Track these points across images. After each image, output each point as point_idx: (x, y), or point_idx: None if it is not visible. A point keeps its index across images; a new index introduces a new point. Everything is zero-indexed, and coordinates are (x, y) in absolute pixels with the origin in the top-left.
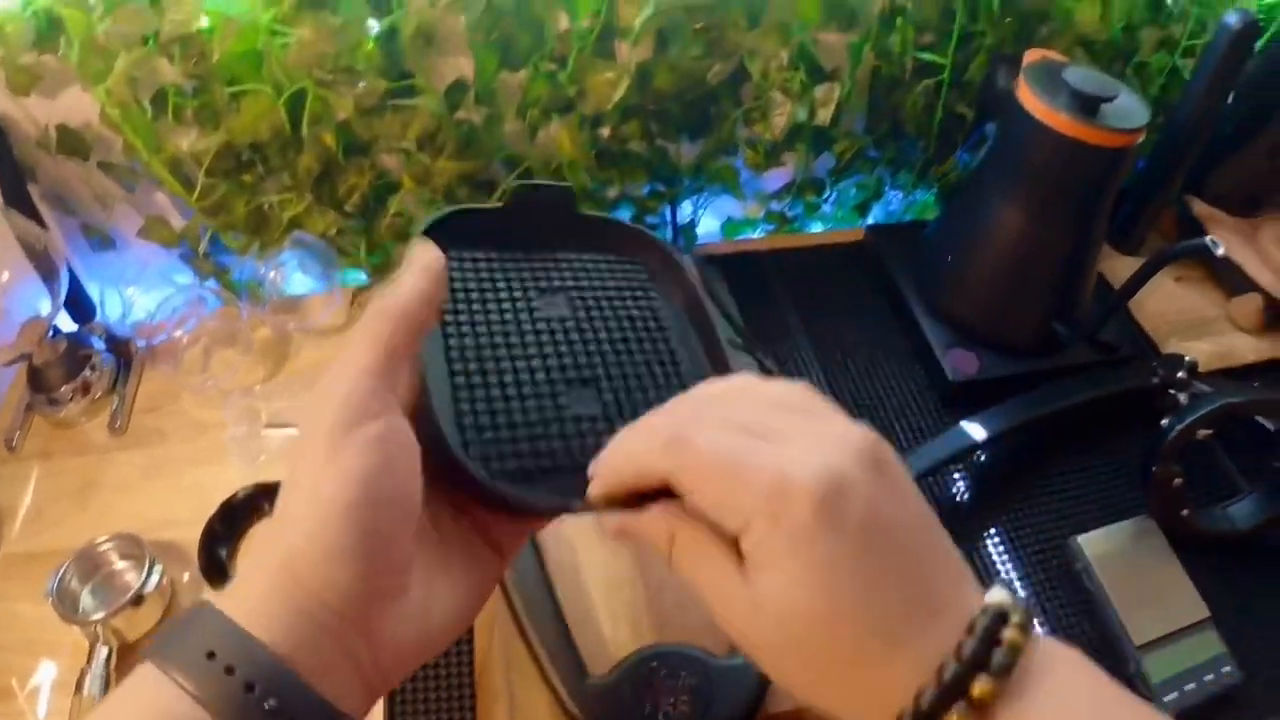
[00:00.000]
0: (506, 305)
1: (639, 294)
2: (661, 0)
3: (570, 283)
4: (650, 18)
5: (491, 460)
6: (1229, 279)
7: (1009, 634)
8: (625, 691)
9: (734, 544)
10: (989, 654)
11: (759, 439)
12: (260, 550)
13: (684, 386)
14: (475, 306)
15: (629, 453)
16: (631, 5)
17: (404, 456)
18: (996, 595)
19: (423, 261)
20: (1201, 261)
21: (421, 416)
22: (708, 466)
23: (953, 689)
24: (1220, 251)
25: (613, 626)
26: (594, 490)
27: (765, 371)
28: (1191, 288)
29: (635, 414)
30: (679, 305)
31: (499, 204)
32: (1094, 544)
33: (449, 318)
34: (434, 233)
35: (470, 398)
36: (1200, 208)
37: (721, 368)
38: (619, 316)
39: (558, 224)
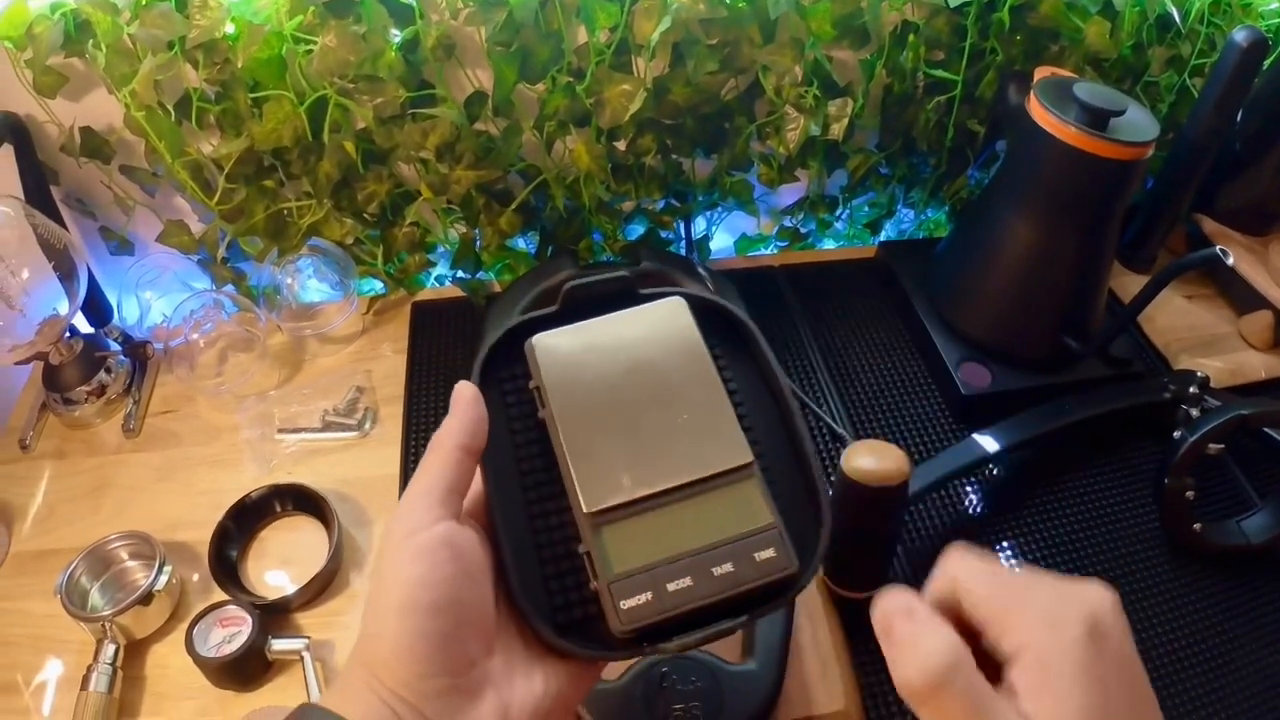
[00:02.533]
0: None
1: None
2: (678, 15)
3: None
4: (666, 32)
5: (562, 610)
6: (1239, 296)
7: None
8: (635, 695)
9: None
10: None
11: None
12: (354, 651)
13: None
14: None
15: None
16: (648, 20)
17: (464, 562)
18: None
19: (461, 396)
20: (1212, 279)
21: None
22: (992, 595)
23: None
24: (1231, 261)
25: None
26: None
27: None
28: (1202, 305)
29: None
30: (750, 373)
31: (554, 309)
32: None
33: (521, 444)
34: (500, 350)
35: (549, 540)
36: (1210, 225)
37: (798, 444)
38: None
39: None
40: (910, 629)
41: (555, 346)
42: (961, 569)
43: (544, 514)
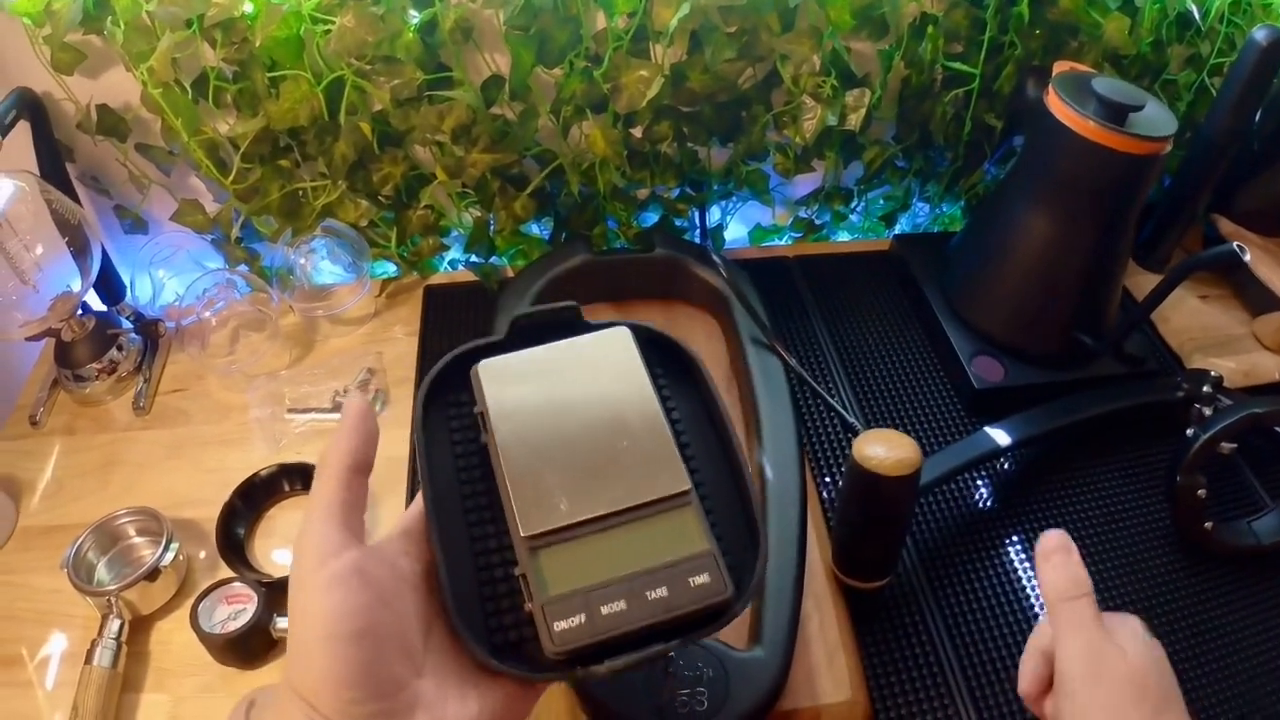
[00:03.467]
0: None
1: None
2: (697, 2)
3: None
4: (685, 18)
5: (498, 632)
6: (1254, 297)
7: None
8: (639, 681)
9: None
10: None
11: None
12: (285, 678)
13: (704, 505)
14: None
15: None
16: (667, 6)
17: (378, 588)
18: None
19: (350, 411)
20: (1227, 280)
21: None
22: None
23: None
24: (1248, 258)
25: None
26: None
27: (787, 369)
28: (1216, 305)
29: None
30: (695, 405)
31: (498, 338)
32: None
33: (464, 468)
34: (447, 374)
35: (487, 564)
36: (1227, 226)
37: (738, 474)
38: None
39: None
40: (1071, 558)
41: (501, 372)
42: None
43: (484, 537)
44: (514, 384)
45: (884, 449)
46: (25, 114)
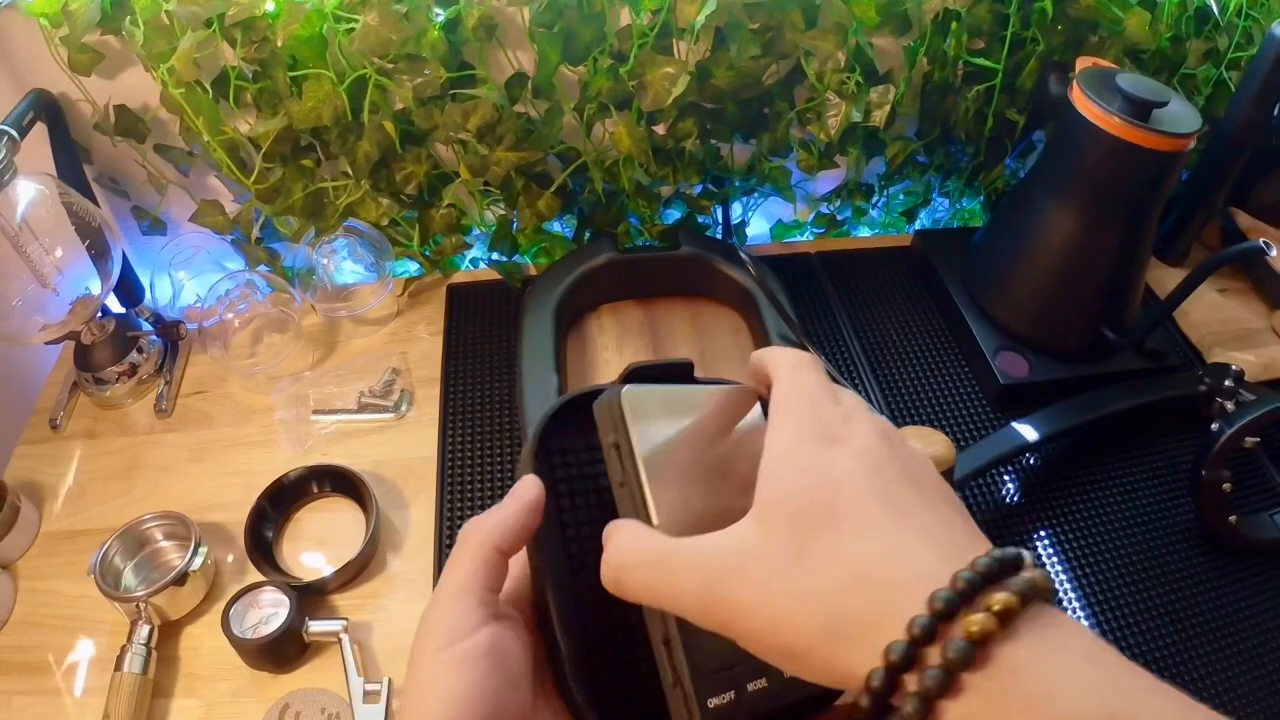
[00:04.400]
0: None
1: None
2: None
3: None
4: (711, 15)
5: (608, 701)
6: (1273, 291)
7: (1029, 572)
8: None
9: None
10: (1005, 577)
11: None
12: None
13: None
14: (594, 503)
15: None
16: (691, 3)
17: (508, 670)
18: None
19: (524, 495)
20: (1246, 273)
21: (545, 632)
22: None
23: (968, 594)
24: (1274, 254)
25: None
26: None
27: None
28: (1236, 300)
29: None
30: None
31: (615, 383)
32: (641, 405)
33: (569, 524)
34: (557, 418)
35: (598, 629)
36: (1245, 220)
37: None
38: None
39: None
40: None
41: (646, 404)
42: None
43: (590, 599)
44: (658, 420)
45: (919, 445)
46: (43, 115)
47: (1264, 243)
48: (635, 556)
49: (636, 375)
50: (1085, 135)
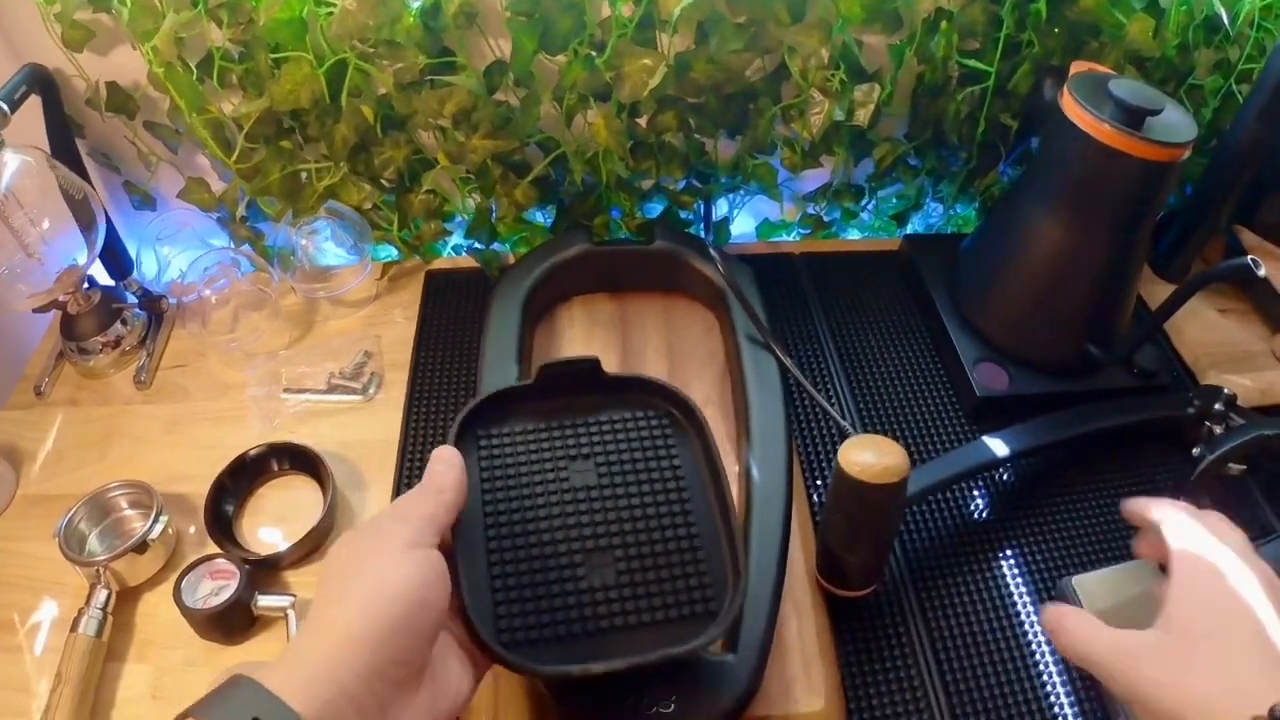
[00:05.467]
0: (539, 477)
1: (660, 449)
2: None
3: (598, 447)
4: (690, 7)
5: (505, 631)
6: (1275, 313)
7: None
8: (610, 684)
9: None
10: None
11: None
12: (314, 629)
13: (693, 542)
14: (511, 478)
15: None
16: None
17: (441, 582)
18: None
19: (443, 456)
20: (1248, 294)
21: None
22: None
23: None
24: (1262, 272)
25: None
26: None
27: (782, 368)
28: (1236, 320)
29: (644, 582)
30: (696, 452)
31: (529, 382)
32: (1088, 587)
33: (487, 490)
34: (476, 416)
35: (502, 573)
36: (1250, 238)
37: (727, 515)
38: (640, 478)
39: (587, 389)
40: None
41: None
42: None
43: (500, 550)
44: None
45: (872, 455)
46: (36, 89)
47: (1252, 260)
48: (1078, 627)
49: (548, 370)
50: (1074, 142)
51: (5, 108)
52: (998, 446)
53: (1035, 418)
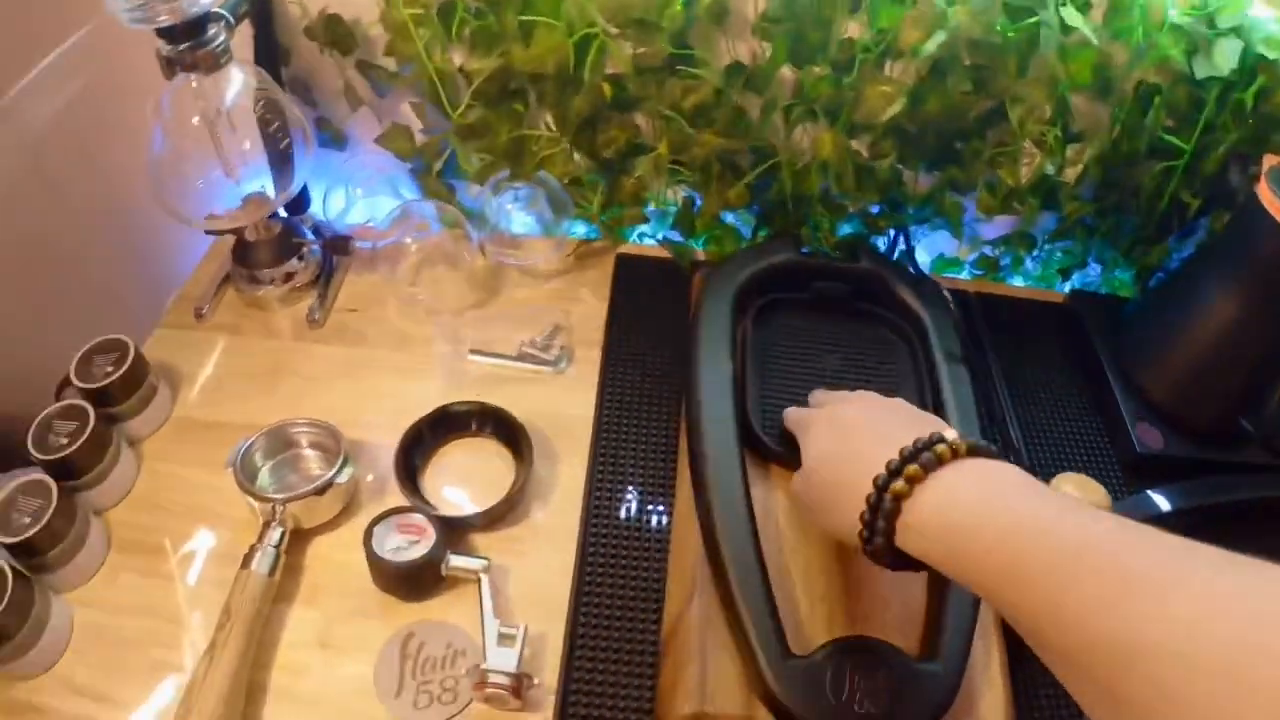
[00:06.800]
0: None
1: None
2: (954, 31)
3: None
4: (938, 44)
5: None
6: None
7: (939, 447)
8: (825, 676)
9: None
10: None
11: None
12: None
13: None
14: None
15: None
16: (916, 28)
17: None
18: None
19: None
20: None
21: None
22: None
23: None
24: None
25: (810, 612)
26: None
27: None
28: None
29: None
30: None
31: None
32: None
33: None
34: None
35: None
36: None
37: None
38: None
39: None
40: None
41: None
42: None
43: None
44: None
45: (1079, 492)
46: (253, 9)
47: None
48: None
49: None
50: (1264, 230)
51: (230, 17)
52: (1163, 500)
53: (1188, 480)
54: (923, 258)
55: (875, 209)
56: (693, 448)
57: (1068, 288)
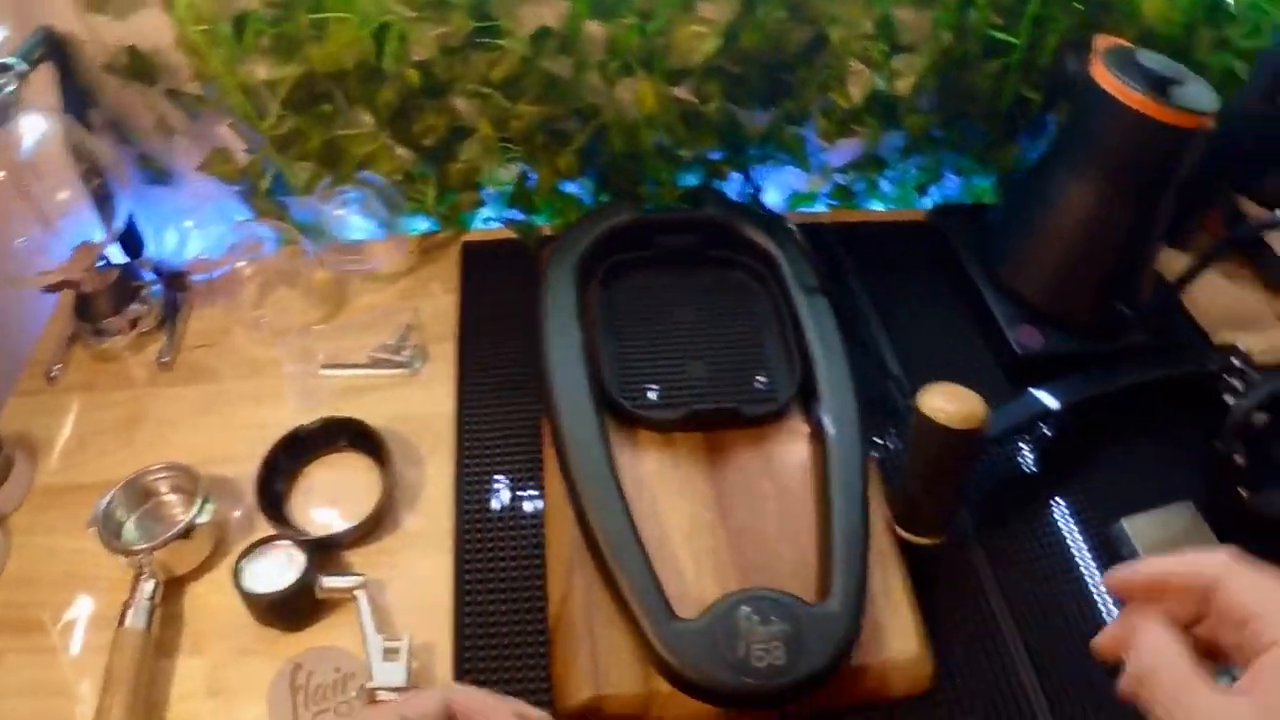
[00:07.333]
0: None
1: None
2: None
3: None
4: None
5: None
6: (1278, 277)
7: None
8: (716, 636)
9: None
10: None
11: None
12: None
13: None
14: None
15: (1188, 562)
16: None
17: None
18: None
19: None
20: (1251, 259)
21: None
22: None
23: None
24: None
25: (696, 572)
26: (1123, 577)
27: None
28: (1241, 284)
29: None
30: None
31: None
32: (1139, 528)
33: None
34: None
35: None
36: (1254, 209)
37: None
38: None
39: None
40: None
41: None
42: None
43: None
44: None
45: (953, 402)
46: (50, 55)
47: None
48: (1175, 683)
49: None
50: (1106, 111)
51: (24, 64)
52: (1048, 398)
53: (1071, 374)
54: (776, 197)
55: (716, 155)
56: (551, 423)
57: (931, 205)
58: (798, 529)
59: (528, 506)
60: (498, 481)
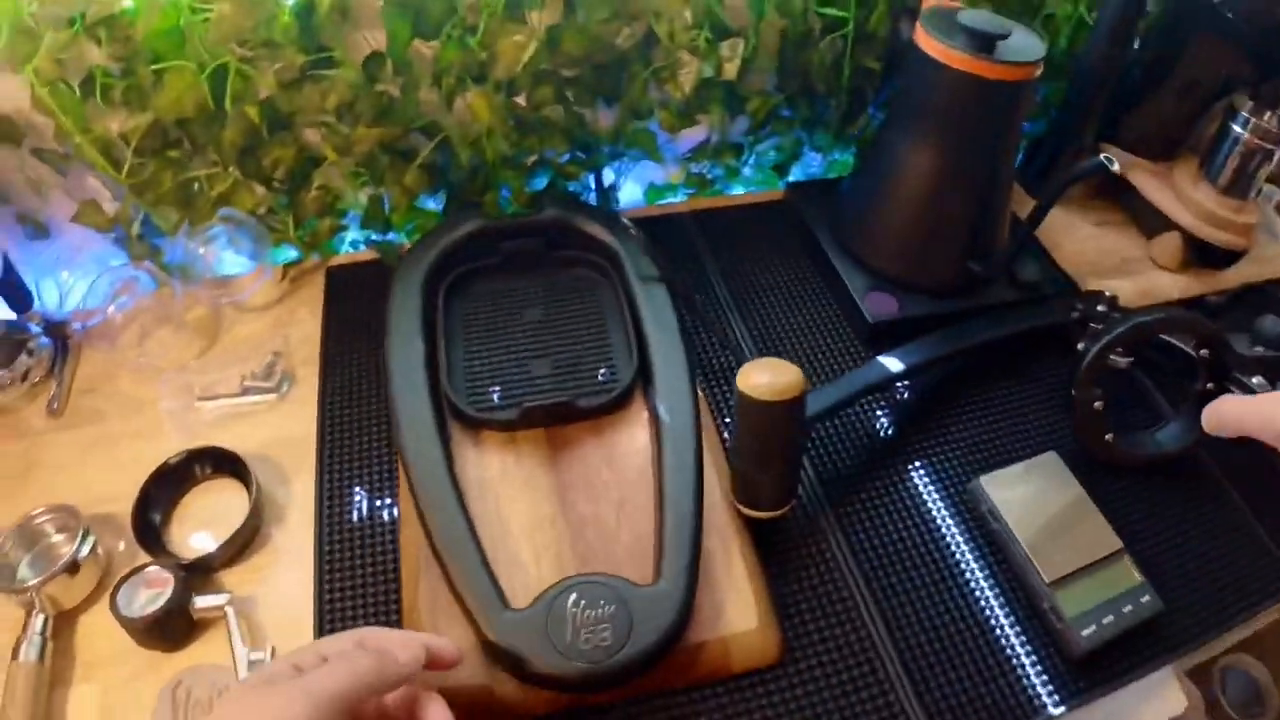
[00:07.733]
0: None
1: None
2: None
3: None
4: None
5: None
6: (1148, 221)
7: None
8: (544, 621)
9: None
10: None
11: None
12: None
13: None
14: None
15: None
16: None
17: None
18: None
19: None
20: (1121, 205)
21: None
22: None
23: None
24: (1115, 168)
25: (537, 564)
26: (1214, 419)
27: (677, 308)
28: (1112, 231)
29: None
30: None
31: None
32: (997, 484)
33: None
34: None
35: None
36: (1115, 154)
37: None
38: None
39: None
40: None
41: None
42: None
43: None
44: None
45: (769, 375)
46: None
47: (1105, 158)
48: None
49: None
50: (931, 73)
51: None
52: (892, 363)
53: (926, 337)
54: (635, 192)
55: (566, 157)
56: (394, 433)
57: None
58: (637, 515)
59: (385, 516)
60: (358, 495)
